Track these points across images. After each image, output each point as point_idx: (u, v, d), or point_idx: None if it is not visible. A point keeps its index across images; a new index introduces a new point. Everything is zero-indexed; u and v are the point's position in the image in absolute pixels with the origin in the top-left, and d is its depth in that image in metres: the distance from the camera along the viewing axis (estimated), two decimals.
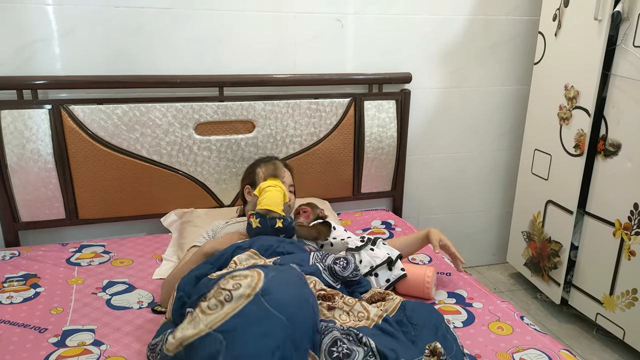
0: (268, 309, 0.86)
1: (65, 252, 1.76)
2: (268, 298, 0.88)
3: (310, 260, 1.32)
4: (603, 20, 1.75)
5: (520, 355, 1.23)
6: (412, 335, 1.08)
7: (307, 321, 0.92)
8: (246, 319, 0.86)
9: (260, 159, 1.75)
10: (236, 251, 1.33)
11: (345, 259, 1.34)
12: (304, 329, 0.91)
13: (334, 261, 1.31)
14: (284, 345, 0.86)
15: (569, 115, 1.97)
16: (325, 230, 1.60)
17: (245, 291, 0.88)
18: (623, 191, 1.79)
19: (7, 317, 1.35)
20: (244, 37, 1.93)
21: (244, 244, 1.37)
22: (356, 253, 1.53)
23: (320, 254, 1.35)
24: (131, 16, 1.80)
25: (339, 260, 1.32)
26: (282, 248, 1.37)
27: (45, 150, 1.75)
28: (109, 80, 1.79)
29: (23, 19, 1.70)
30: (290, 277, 0.98)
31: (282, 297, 0.89)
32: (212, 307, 0.88)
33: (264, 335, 0.85)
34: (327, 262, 1.31)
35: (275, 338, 0.85)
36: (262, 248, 1.34)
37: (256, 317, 0.86)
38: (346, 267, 1.31)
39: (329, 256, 1.33)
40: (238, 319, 0.86)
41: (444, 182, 2.42)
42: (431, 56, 2.20)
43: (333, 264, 1.30)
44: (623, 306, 1.83)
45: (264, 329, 0.85)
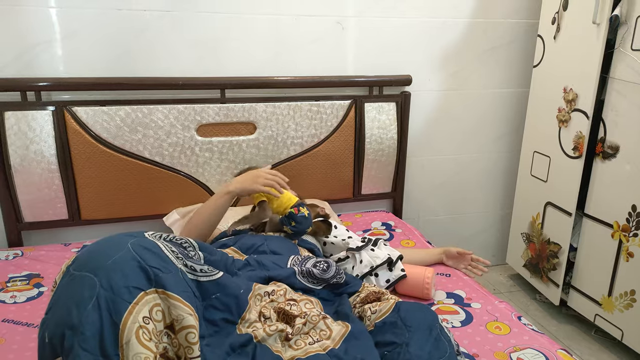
0: (73, 274, 0.91)
1: (68, 252, 1.77)
2: (73, 266, 0.93)
3: (288, 263, 1.31)
4: (601, 24, 1.77)
5: (517, 354, 1.24)
6: (406, 338, 1.08)
7: (123, 262, 0.92)
8: (58, 291, 0.92)
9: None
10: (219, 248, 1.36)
11: (326, 262, 1.32)
12: (120, 271, 0.90)
13: (314, 264, 1.30)
14: (95, 294, 0.88)
15: (567, 118, 1.98)
16: (325, 227, 1.61)
17: (61, 270, 0.95)
18: (621, 193, 1.80)
19: (11, 316, 1.37)
20: (246, 40, 1.95)
21: (228, 242, 1.42)
22: (357, 253, 1.54)
23: (300, 258, 1.34)
24: (133, 19, 1.81)
25: (319, 263, 1.31)
26: (266, 247, 1.39)
27: (48, 151, 1.77)
28: (112, 82, 1.81)
29: (26, 21, 1.72)
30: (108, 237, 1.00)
31: (84, 257, 0.94)
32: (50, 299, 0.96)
33: (71, 295, 0.89)
34: (307, 265, 1.30)
35: (81, 292, 0.88)
36: (243, 246, 1.38)
37: (65, 286, 0.92)
38: (326, 270, 1.30)
39: (310, 260, 1.32)
40: (55, 294, 0.92)
41: (444, 184, 2.44)
42: (431, 59, 2.21)
43: (312, 267, 1.30)
44: (621, 307, 1.84)
45: (71, 290, 0.90)
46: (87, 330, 0.85)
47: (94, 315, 0.86)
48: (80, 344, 0.84)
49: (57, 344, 0.86)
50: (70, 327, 0.85)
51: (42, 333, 0.89)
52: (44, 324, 0.90)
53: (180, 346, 0.92)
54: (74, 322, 0.85)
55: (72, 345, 0.84)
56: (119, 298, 0.88)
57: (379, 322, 1.16)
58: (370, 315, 1.20)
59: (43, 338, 0.88)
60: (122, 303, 0.87)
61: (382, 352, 1.08)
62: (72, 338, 0.84)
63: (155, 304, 0.91)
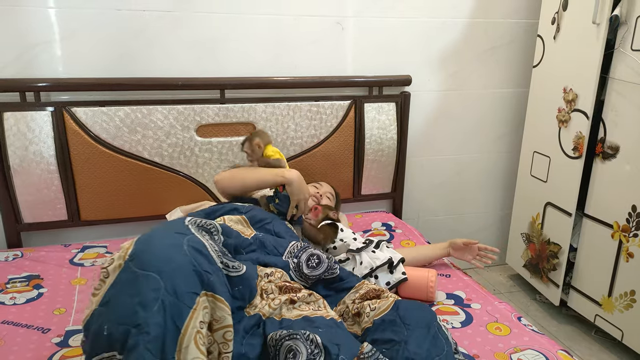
0: (135, 271, 0.94)
1: (68, 252, 1.77)
2: (135, 262, 0.96)
3: (287, 249, 1.36)
4: (601, 24, 1.77)
5: (518, 355, 1.24)
6: (405, 336, 1.09)
7: (184, 265, 0.97)
8: (119, 287, 0.95)
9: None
10: (232, 211, 1.44)
11: (318, 257, 1.34)
12: (182, 274, 0.96)
13: (307, 259, 1.33)
14: (159, 297, 0.92)
15: (567, 118, 1.98)
16: (332, 233, 1.60)
17: (117, 263, 0.97)
18: (621, 193, 1.80)
19: (11, 317, 1.36)
20: (245, 40, 1.95)
21: (242, 208, 1.47)
22: (357, 254, 1.54)
23: (298, 247, 1.36)
24: (132, 19, 1.81)
25: (312, 258, 1.34)
26: (272, 226, 1.44)
27: (47, 152, 1.76)
28: (111, 82, 1.80)
29: (25, 22, 1.71)
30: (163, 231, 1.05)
31: (149, 256, 0.96)
32: (97, 287, 0.98)
33: (137, 293, 0.92)
34: (301, 259, 1.33)
35: (147, 292, 0.92)
36: (254, 218, 1.43)
37: (126, 282, 0.94)
38: (316, 267, 1.32)
39: (305, 252, 1.35)
40: (112, 289, 0.95)
41: (444, 184, 2.44)
42: (431, 59, 2.21)
43: (304, 263, 1.32)
44: (621, 307, 1.84)
45: (133, 290, 0.93)
46: (152, 331, 0.89)
47: (159, 317, 0.90)
48: (146, 344, 0.88)
49: (118, 339, 0.90)
50: (136, 326, 0.89)
51: (98, 325, 0.92)
52: (100, 315, 0.93)
53: (214, 342, 1.00)
54: (139, 321, 0.90)
55: (136, 344, 0.88)
56: (182, 303, 0.93)
57: (378, 319, 1.17)
58: (369, 312, 1.21)
59: (100, 330, 0.91)
60: (184, 309, 0.93)
61: (380, 349, 1.09)
62: (137, 337, 0.89)
63: (205, 307, 0.97)
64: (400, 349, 1.06)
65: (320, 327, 1.09)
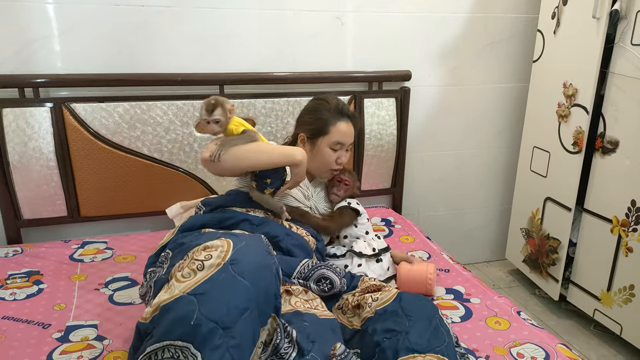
0: (235, 275, 0.96)
1: (67, 248, 1.77)
2: (235, 267, 0.97)
3: (297, 269, 1.31)
4: (601, 19, 1.76)
5: (517, 349, 1.25)
6: (406, 326, 1.10)
7: (270, 287, 1.01)
8: (216, 284, 0.95)
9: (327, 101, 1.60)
10: (244, 222, 1.39)
11: (331, 282, 1.30)
12: (267, 294, 1.00)
13: (317, 280, 1.30)
14: (250, 307, 0.95)
15: (567, 113, 1.98)
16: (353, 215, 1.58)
17: (216, 261, 0.98)
18: (621, 188, 1.80)
19: (11, 313, 1.37)
20: (244, 35, 1.95)
21: (254, 220, 1.41)
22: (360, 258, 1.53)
23: (309, 266, 1.32)
24: (132, 14, 1.80)
25: (324, 281, 1.30)
26: (284, 244, 1.38)
27: (47, 148, 1.76)
28: (110, 78, 1.80)
29: (24, 17, 1.71)
30: (257, 246, 1.07)
31: (247, 266, 0.99)
32: (185, 275, 0.98)
33: (232, 296, 0.95)
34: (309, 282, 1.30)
35: (242, 300, 0.95)
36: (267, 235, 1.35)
37: (225, 282, 0.95)
38: (327, 291, 1.30)
39: (317, 272, 1.31)
40: (209, 284, 0.95)
41: (444, 179, 2.44)
42: (431, 54, 2.21)
43: (314, 285, 1.30)
44: (620, 302, 1.84)
45: (231, 292, 0.95)
46: (237, 337, 0.92)
47: (246, 326, 0.94)
48: (229, 348, 0.91)
49: (202, 333, 0.91)
50: (225, 327, 0.92)
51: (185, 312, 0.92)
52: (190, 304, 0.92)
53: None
54: (229, 324, 0.92)
55: (220, 344, 0.91)
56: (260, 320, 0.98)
57: (380, 309, 1.18)
58: (370, 303, 1.21)
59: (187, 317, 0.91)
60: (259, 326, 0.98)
61: (380, 339, 1.10)
62: (223, 338, 0.91)
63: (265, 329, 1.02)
64: (401, 339, 1.07)
65: (307, 322, 1.10)
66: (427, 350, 1.04)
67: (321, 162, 1.58)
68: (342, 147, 1.58)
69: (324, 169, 1.60)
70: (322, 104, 1.59)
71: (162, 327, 0.93)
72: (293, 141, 1.65)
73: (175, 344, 0.91)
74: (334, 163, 1.58)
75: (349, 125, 1.59)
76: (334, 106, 1.58)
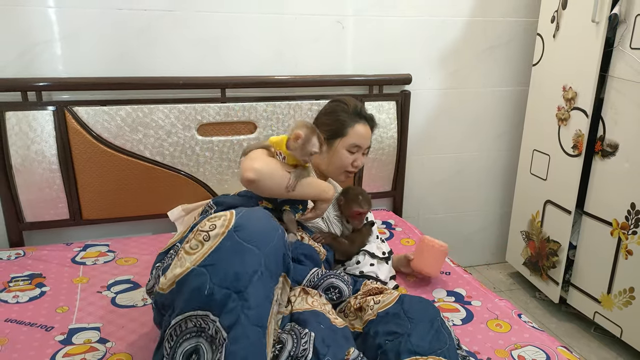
0: (240, 242, 1.00)
1: (70, 251, 1.78)
2: (240, 233, 1.01)
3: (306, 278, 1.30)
4: (600, 23, 1.77)
5: (518, 352, 1.25)
6: (408, 328, 1.10)
7: (278, 249, 1.05)
8: (223, 253, 0.99)
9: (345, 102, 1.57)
10: None
11: (340, 292, 1.29)
12: (276, 255, 1.04)
13: (326, 289, 1.30)
14: (260, 270, 0.99)
15: (567, 116, 1.99)
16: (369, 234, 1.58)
17: (220, 230, 1.01)
18: (620, 191, 1.81)
19: (14, 316, 1.37)
20: (246, 39, 1.96)
21: None
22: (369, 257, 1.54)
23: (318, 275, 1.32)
24: (134, 18, 1.82)
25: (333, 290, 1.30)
26: (295, 253, 1.34)
27: (49, 151, 1.77)
28: (113, 82, 1.81)
29: (27, 21, 1.72)
30: (259, 213, 1.09)
31: (252, 230, 1.02)
32: (193, 247, 1.01)
33: (240, 262, 0.99)
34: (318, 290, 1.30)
35: (250, 264, 0.99)
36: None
37: (232, 250, 1.00)
38: (335, 300, 1.30)
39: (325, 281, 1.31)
40: (216, 254, 0.99)
41: (444, 182, 2.44)
42: (431, 58, 2.22)
43: (323, 293, 1.29)
44: (620, 305, 1.85)
45: (240, 258, 0.99)
46: (251, 299, 0.96)
47: (259, 288, 0.98)
48: (244, 309, 0.96)
49: (217, 300, 0.96)
50: (238, 292, 0.96)
51: (199, 284, 0.96)
52: (201, 275, 0.97)
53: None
54: (241, 288, 0.97)
55: (234, 307, 0.95)
56: (272, 281, 1.03)
57: (382, 311, 1.19)
58: (373, 305, 1.22)
59: (202, 288, 0.96)
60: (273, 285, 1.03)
61: (382, 341, 1.11)
62: (237, 302, 0.96)
63: (278, 287, 1.06)
64: (403, 341, 1.08)
65: (322, 324, 1.11)
66: (429, 353, 1.05)
67: (337, 165, 1.56)
68: (359, 150, 1.56)
69: (339, 172, 1.58)
70: (340, 106, 1.58)
71: (181, 300, 0.99)
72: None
73: (196, 313, 0.97)
74: (350, 165, 1.56)
75: (366, 128, 1.57)
76: (352, 108, 1.56)
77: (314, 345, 1.03)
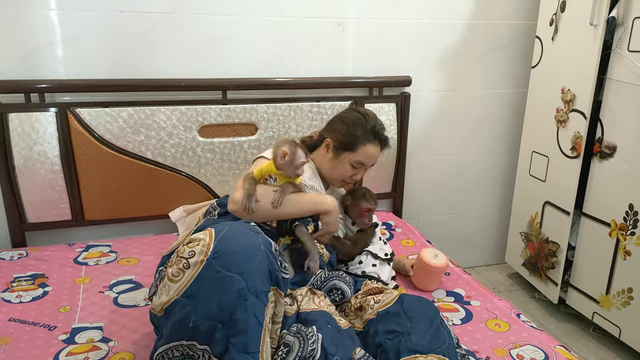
0: (219, 271, 0.98)
1: (72, 252, 1.79)
2: (218, 260, 0.99)
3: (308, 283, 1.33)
4: (598, 26, 1.79)
5: (517, 351, 1.26)
6: (408, 327, 1.12)
7: (261, 267, 1.02)
8: (204, 283, 0.99)
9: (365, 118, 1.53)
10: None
11: (343, 294, 1.33)
12: (260, 275, 1.02)
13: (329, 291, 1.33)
14: (243, 295, 0.99)
15: (565, 118, 2.01)
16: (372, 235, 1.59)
17: (199, 258, 1.00)
18: (619, 192, 1.83)
19: (17, 315, 1.38)
20: (247, 42, 1.97)
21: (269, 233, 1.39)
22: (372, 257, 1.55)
23: (322, 277, 1.35)
24: (136, 21, 1.83)
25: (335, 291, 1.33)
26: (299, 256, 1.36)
27: (52, 152, 1.78)
28: (115, 83, 1.82)
29: (30, 24, 1.73)
30: (239, 231, 1.06)
31: (231, 256, 1.00)
32: (175, 274, 1.02)
33: (223, 292, 0.98)
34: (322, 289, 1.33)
35: (232, 292, 0.98)
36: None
37: (212, 280, 0.99)
38: (337, 301, 1.32)
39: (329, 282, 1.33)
40: (197, 284, 0.99)
41: (444, 184, 2.46)
42: (431, 60, 2.23)
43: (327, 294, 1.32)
44: (619, 305, 1.86)
45: (221, 287, 0.98)
46: (237, 327, 0.97)
47: (244, 315, 0.98)
48: (231, 339, 0.96)
49: (203, 332, 0.98)
50: (222, 322, 0.97)
51: (184, 315, 0.99)
52: (185, 306, 0.99)
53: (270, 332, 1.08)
54: (224, 319, 0.97)
55: (223, 337, 0.96)
56: (260, 302, 1.01)
57: (382, 311, 1.20)
58: (373, 305, 1.23)
59: (185, 321, 0.98)
60: (262, 306, 1.01)
61: (382, 340, 1.13)
62: (224, 331, 0.97)
63: (272, 301, 1.06)
64: (402, 339, 1.10)
65: (330, 325, 1.13)
66: (428, 351, 1.06)
67: (337, 174, 1.54)
68: (362, 167, 1.54)
69: (336, 179, 1.57)
70: (360, 120, 1.52)
71: (167, 329, 1.00)
72: (318, 142, 1.58)
73: (181, 343, 0.99)
74: (348, 178, 1.55)
75: (377, 149, 1.54)
76: (370, 125, 1.51)
77: (322, 345, 1.05)
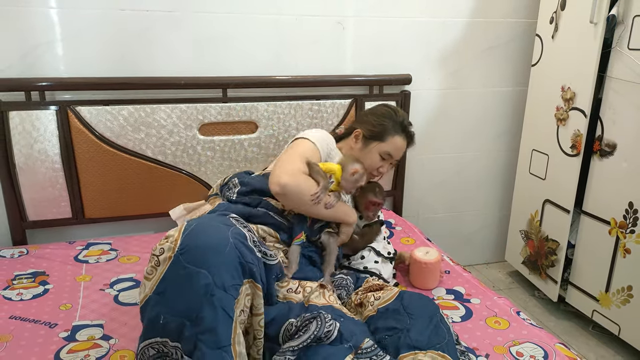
0: (186, 267, 1.00)
1: (72, 249, 1.79)
2: (185, 256, 1.01)
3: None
4: (599, 24, 1.79)
5: (516, 348, 1.27)
6: (407, 324, 1.12)
7: (231, 261, 1.02)
8: (171, 280, 1.01)
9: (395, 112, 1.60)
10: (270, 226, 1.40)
11: (347, 289, 1.35)
12: (228, 270, 1.02)
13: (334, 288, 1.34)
14: (210, 291, 0.98)
15: (565, 116, 2.01)
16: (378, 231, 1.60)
17: (167, 254, 1.03)
18: (618, 190, 1.83)
19: (18, 313, 1.38)
20: (247, 40, 1.97)
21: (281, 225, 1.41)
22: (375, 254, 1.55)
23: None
24: (136, 19, 1.83)
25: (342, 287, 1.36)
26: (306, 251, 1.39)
27: (52, 150, 1.79)
28: (115, 81, 1.82)
29: (30, 22, 1.73)
30: (209, 225, 1.08)
31: (198, 250, 1.01)
32: (149, 272, 1.05)
33: (189, 288, 0.99)
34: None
35: (199, 288, 0.98)
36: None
37: (179, 276, 1.00)
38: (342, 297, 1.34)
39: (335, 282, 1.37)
40: (165, 281, 1.02)
41: (444, 182, 2.46)
42: (431, 58, 2.23)
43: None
44: (618, 303, 1.86)
45: (188, 284, 0.99)
46: (205, 323, 0.97)
47: (211, 311, 0.97)
48: (199, 335, 0.96)
49: (173, 329, 0.99)
50: (190, 319, 0.98)
51: (155, 313, 1.01)
52: (157, 304, 1.01)
53: (251, 325, 1.09)
54: (192, 315, 0.98)
55: (192, 335, 0.97)
56: (229, 295, 1.00)
57: (382, 307, 1.21)
58: (373, 301, 1.24)
59: (157, 319, 1.00)
60: (231, 300, 1.00)
61: (382, 336, 1.13)
62: (192, 329, 0.97)
63: (247, 294, 1.05)
64: (402, 336, 1.10)
65: (342, 317, 1.14)
66: (427, 347, 1.07)
67: (366, 164, 1.54)
68: (390, 159, 1.59)
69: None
70: (390, 113, 1.59)
71: (144, 328, 1.04)
72: (347, 133, 1.64)
73: (156, 340, 1.02)
74: (375, 170, 1.59)
75: (404, 143, 1.60)
76: (400, 119, 1.58)
77: (339, 330, 1.06)
